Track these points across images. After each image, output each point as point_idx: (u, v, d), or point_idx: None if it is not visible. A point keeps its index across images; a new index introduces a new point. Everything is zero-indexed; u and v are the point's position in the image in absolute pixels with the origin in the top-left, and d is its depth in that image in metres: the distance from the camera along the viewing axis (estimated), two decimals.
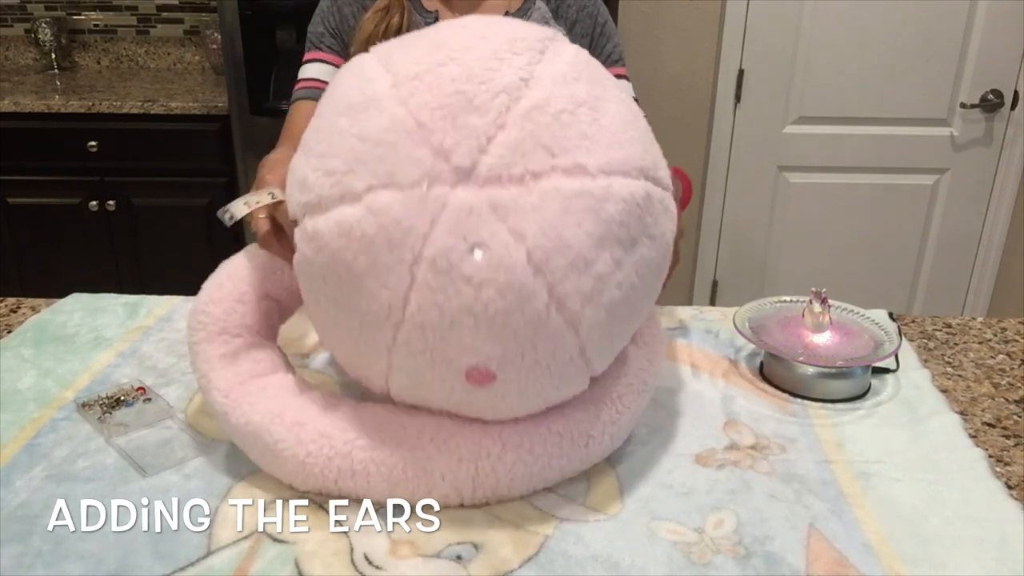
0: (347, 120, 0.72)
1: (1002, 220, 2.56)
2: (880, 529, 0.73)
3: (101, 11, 2.81)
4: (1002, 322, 1.15)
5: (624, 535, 0.73)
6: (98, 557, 0.69)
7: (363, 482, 0.74)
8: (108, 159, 2.37)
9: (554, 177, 0.69)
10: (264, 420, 0.77)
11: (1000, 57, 2.39)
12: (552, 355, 0.71)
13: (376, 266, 0.68)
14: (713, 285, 2.73)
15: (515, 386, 0.72)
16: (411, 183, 0.68)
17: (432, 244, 0.67)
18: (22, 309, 1.16)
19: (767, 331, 1.00)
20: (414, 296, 0.68)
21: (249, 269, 0.87)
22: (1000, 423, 0.91)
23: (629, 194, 0.71)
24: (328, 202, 0.71)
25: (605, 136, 0.72)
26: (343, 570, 0.68)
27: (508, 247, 0.67)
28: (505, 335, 0.68)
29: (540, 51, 0.74)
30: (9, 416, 0.89)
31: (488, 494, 0.75)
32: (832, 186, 2.56)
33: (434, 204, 0.67)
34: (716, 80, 2.49)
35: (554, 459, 0.77)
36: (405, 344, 0.70)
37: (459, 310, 0.67)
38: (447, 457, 0.74)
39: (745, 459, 0.84)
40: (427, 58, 0.72)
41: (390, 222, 0.68)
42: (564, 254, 0.68)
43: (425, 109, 0.69)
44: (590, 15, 1.19)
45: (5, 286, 2.44)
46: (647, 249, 0.74)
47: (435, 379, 0.72)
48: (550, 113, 0.70)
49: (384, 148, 0.69)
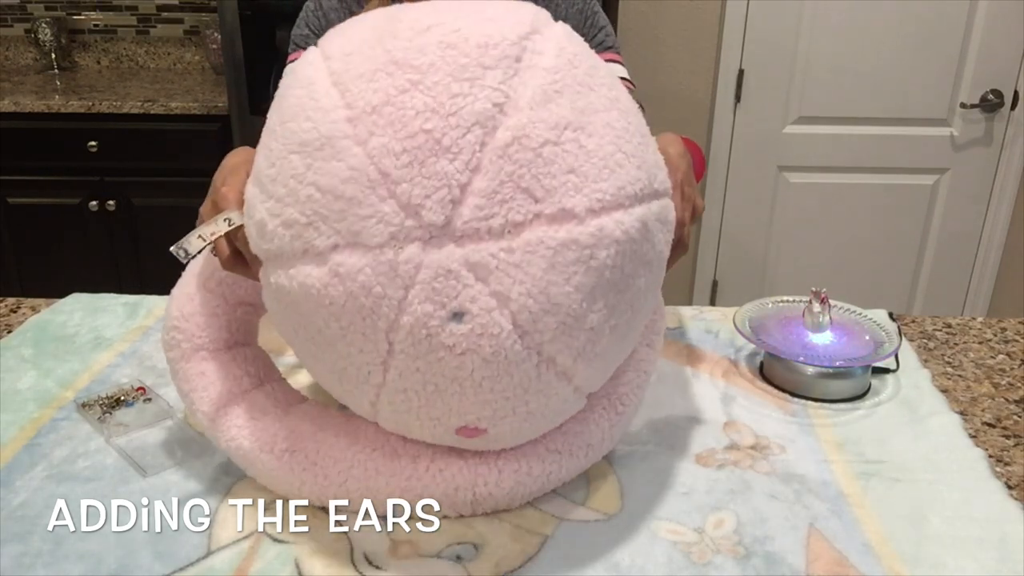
0: (301, 161, 0.64)
1: (1002, 220, 2.56)
2: (880, 529, 0.73)
3: (101, 11, 2.81)
4: (1002, 322, 1.15)
5: (624, 535, 0.73)
6: (98, 557, 0.69)
7: (357, 507, 0.74)
8: (108, 159, 2.37)
9: (538, 227, 0.62)
10: (254, 448, 0.75)
11: (1000, 57, 2.39)
12: (546, 405, 0.69)
13: (349, 333, 0.64)
14: (713, 285, 2.73)
15: (509, 434, 0.71)
16: (378, 244, 0.61)
17: (408, 312, 0.62)
18: (22, 309, 1.16)
19: (767, 331, 1.00)
20: (394, 363, 0.64)
21: (219, 277, 0.81)
22: (1000, 423, 0.91)
23: (623, 233, 0.64)
24: (290, 256, 0.65)
25: (594, 165, 0.64)
26: (343, 570, 0.68)
27: (491, 313, 0.62)
28: (494, 398, 0.65)
29: (516, 58, 0.64)
30: (9, 416, 0.89)
31: (487, 511, 0.75)
32: (832, 186, 2.56)
33: (406, 268, 0.61)
34: (716, 80, 2.49)
35: (553, 475, 0.76)
36: (389, 404, 0.68)
37: (443, 377, 0.64)
38: (443, 486, 0.73)
39: (745, 459, 0.84)
40: (385, 80, 0.62)
41: (359, 289, 0.62)
42: (553, 314, 0.63)
43: (388, 155, 0.61)
44: (580, 12, 1.17)
45: (5, 286, 2.44)
46: (643, 279, 0.69)
47: (424, 432, 0.71)
48: (531, 148, 0.62)
49: (345, 202, 0.62)
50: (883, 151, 2.51)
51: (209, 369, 0.79)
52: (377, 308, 0.62)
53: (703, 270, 2.71)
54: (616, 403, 0.80)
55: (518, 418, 0.68)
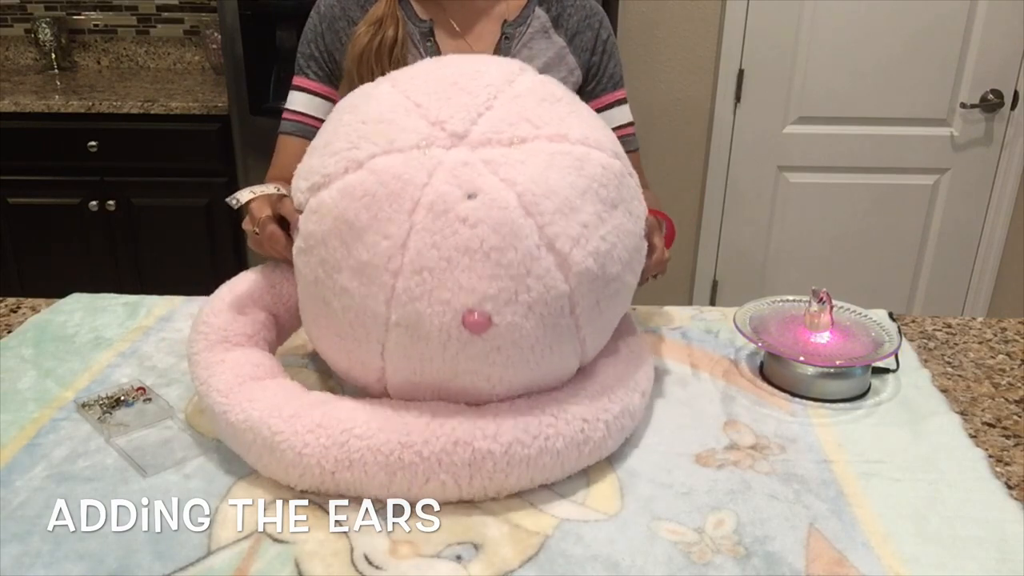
0: (349, 115, 0.83)
1: (1002, 220, 2.56)
2: (880, 529, 0.74)
3: (101, 11, 2.81)
4: (1002, 322, 1.15)
5: (624, 535, 0.73)
6: (98, 557, 0.69)
7: (360, 472, 0.74)
8: (108, 159, 2.37)
9: (539, 142, 0.79)
10: (263, 415, 0.77)
11: (1000, 57, 2.39)
12: (545, 301, 0.75)
13: (377, 219, 0.75)
14: (713, 285, 2.73)
15: (509, 336, 0.74)
16: (410, 146, 0.77)
17: (429, 192, 0.74)
18: (22, 309, 1.16)
19: (767, 331, 1.00)
20: (412, 241, 0.74)
21: (249, 284, 0.91)
22: (1000, 423, 0.91)
23: (607, 163, 0.81)
24: (333, 177, 0.78)
25: (582, 121, 0.84)
26: (343, 570, 0.68)
27: (500, 191, 0.75)
28: (499, 272, 0.73)
29: (520, 69, 0.88)
30: (9, 416, 0.89)
31: (486, 482, 0.75)
32: (832, 186, 2.56)
33: (431, 161, 0.76)
34: (716, 80, 2.49)
35: (550, 440, 0.76)
36: (404, 292, 0.73)
37: (455, 249, 0.73)
38: (443, 440, 0.74)
39: (745, 459, 0.84)
40: (421, 67, 0.89)
41: (390, 178, 0.75)
42: (551, 198, 0.76)
43: (422, 93, 0.82)
44: (592, 28, 1.16)
45: (5, 286, 2.44)
46: (626, 218, 0.82)
47: (432, 330, 0.74)
48: (533, 99, 0.83)
49: (385, 124, 0.79)
50: (883, 151, 2.51)
51: (229, 357, 0.84)
52: (404, 191, 0.75)
53: (703, 270, 2.71)
54: (609, 392, 0.83)
55: (520, 309, 0.74)
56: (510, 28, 1.14)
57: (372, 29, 1.09)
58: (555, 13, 1.15)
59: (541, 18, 1.15)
